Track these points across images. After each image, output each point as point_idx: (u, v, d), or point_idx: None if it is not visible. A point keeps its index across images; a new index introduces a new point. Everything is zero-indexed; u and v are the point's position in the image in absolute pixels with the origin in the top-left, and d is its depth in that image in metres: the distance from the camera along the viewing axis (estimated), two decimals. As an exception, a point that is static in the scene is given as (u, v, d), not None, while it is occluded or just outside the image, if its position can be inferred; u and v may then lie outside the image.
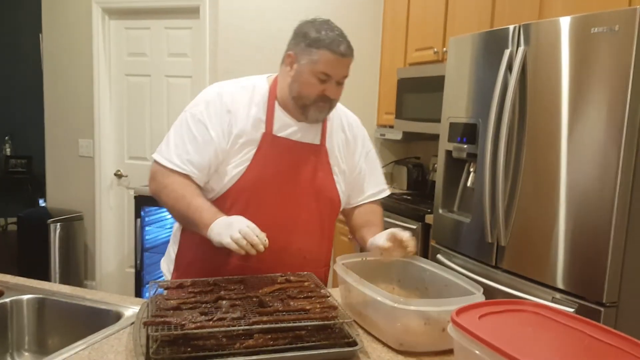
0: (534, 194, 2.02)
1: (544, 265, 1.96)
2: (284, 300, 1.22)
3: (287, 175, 1.54)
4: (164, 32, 3.80)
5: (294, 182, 1.54)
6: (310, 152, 1.57)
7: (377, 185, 1.77)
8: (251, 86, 1.57)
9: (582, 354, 0.95)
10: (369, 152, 1.74)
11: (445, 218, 2.55)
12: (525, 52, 2.05)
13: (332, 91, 1.49)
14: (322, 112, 1.53)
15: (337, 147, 1.63)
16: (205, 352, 1.04)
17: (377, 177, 1.77)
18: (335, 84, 1.49)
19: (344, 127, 1.67)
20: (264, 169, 1.51)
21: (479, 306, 1.08)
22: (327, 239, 1.68)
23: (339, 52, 1.45)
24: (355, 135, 1.69)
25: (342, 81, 1.51)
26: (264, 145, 1.51)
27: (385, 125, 3.88)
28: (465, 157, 2.41)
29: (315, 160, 1.58)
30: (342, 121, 1.68)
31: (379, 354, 1.15)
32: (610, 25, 1.72)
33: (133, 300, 1.40)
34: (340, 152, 1.64)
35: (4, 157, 6.01)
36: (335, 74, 1.47)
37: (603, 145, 1.76)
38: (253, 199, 1.50)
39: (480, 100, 2.30)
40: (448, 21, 3.10)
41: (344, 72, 1.50)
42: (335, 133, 1.64)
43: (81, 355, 1.10)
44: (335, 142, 1.63)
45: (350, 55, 1.49)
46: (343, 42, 1.48)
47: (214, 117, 1.50)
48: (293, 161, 1.55)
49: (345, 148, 1.66)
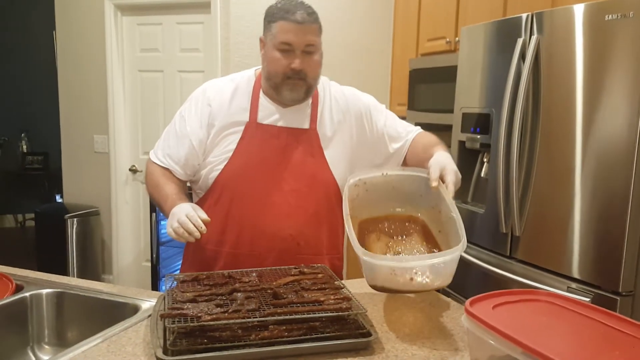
0: (548, 183, 2.00)
1: (559, 254, 1.95)
2: (298, 292, 1.23)
3: (274, 161, 1.52)
4: (175, 28, 3.82)
5: (281, 168, 1.52)
6: (298, 137, 1.54)
7: (407, 131, 1.72)
8: (239, 78, 1.61)
9: (597, 343, 0.95)
10: (377, 122, 1.66)
11: (459, 209, 2.52)
12: (539, 41, 2.02)
13: (298, 62, 1.44)
14: (296, 91, 1.49)
15: (332, 131, 1.58)
16: (221, 343, 1.06)
17: (400, 128, 1.71)
18: (301, 55, 1.45)
19: (341, 109, 1.61)
20: (249, 157, 1.51)
21: (493, 296, 1.08)
22: (327, 226, 1.60)
23: (294, 20, 1.43)
24: (358, 114, 1.63)
25: (309, 51, 1.46)
26: (248, 133, 1.53)
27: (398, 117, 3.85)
28: (479, 147, 2.39)
29: (305, 144, 1.54)
30: (337, 103, 1.62)
31: (393, 344, 1.15)
32: (624, 12, 1.70)
33: (150, 294, 1.42)
34: (334, 132, 1.58)
35: (20, 154, 6.10)
36: (295, 42, 1.43)
37: (619, 133, 1.74)
38: (239, 188, 1.51)
39: (493, 89, 2.28)
40: (460, 10, 3.07)
41: (305, 39, 1.44)
42: (329, 116, 1.59)
43: (100, 347, 1.11)
44: (329, 125, 1.58)
45: (309, 22, 1.44)
46: (299, 8, 1.44)
47: (194, 111, 1.56)
48: (279, 147, 1.53)
49: (339, 127, 1.59)
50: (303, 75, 1.47)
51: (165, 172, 1.57)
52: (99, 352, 1.09)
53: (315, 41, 1.46)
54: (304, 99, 1.54)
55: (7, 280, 1.42)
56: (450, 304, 1.42)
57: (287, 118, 1.55)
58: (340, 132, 1.59)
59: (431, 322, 1.28)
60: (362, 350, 1.11)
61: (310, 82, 1.50)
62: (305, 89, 1.50)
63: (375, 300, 1.42)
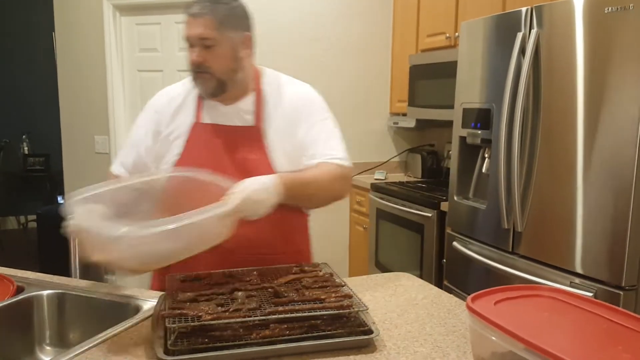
0: (550, 178, 2.00)
1: (562, 249, 1.94)
2: (298, 290, 1.22)
3: (217, 161, 1.48)
4: (174, 27, 3.81)
5: (224, 168, 1.46)
6: (241, 135, 1.51)
7: (322, 154, 1.51)
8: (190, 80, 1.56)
9: (600, 338, 0.94)
10: (314, 124, 1.54)
11: (461, 205, 2.53)
12: (539, 35, 2.02)
13: (193, 56, 1.41)
14: (204, 85, 1.45)
15: (276, 127, 1.52)
16: (222, 342, 1.05)
17: (321, 147, 1.52)
18: (200, 49, 1.40)
19: (285, 104, 1.55)
20: (194, 160, 1.48)
21: (495, 292, 1.08)
22: (279, 226, 1.50)
23: (189, 13, 1.40)
24: (299, 111, 1.54)
25: (206, 44, 1.40)
26: (193, 135, 1.51)
27: (398, 114, 3.85)
28: (480, 142, 2.39)
29: (248, 142, 1.50)
30: (282, 99, 1.56)
31: (395, 342, 1.15)
32: (624, 5, 1.69)
33: (151, 294, 1.41)
34: (279, 131, 1.51)
35: (22, 155, 6.10)
36: (189, 35, 1.41)
37: (620, 126, 1.74)
38: (186, 192, 1.44)
39: (493, 84, 2.27)
40: (459, 6, 3.07)
41: (196, 31, 1.39)
42: (275, 112, 1.53)
43: (101, 347, 1.11)
44: (274, 121, 1.52)
45: (204, 14, 1.39)
46: (199, 2, 1.41)
47: (142, 119, 1.58)
48: (223, 146, 1.50)
49: (287, 127, 1.52)
50: (207, 69, 1.42)
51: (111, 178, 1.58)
52: (100, 353, 1.09)
53: (210, 34, 1.39)
54: (219, 93, 1.47)
55: (8, 282, 1.42)
56: (452, 300, 1.41)
57: (230, 116, 1.52)
58: (283, 129, 1.52)
59: (433, 319, 1.27)
60: (363, 347, 1.11)
61: (219, 76, 1.44)
62: (216, 84, 1.44)
63: (377, 297, 1.41)
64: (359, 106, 3.93)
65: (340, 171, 1.49)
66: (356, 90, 3.90)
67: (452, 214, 2.63)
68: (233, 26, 1.44)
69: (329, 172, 1.47)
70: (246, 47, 1.49)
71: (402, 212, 3.14)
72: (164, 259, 1.19)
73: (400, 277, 1.60)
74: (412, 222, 3.06)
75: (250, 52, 1.52)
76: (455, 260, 2.56)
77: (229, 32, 1.42)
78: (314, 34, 3.71)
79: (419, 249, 3.00)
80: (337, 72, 3.84)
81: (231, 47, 1.44)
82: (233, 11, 1.44)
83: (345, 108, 3.91)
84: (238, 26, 1.46)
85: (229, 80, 1.46)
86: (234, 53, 1.45)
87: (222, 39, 1.41)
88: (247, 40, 1.49)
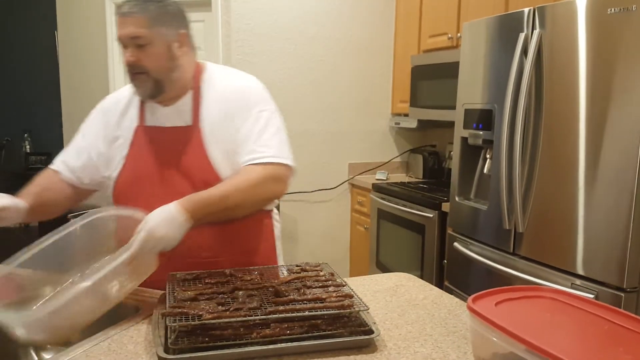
0: (551, 179, 1.99)
1: (563, 251, 1.94)
2: (299, 290, 1.22)
3: (159, 164, 1.46)
4: (176, 26, 3.82)
5: (165, 171, 1.46)
6: (180, 136, 1.47)
7: (250, 153, 1.44)
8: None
9: (601, 339, 0.94)
10: (246, 119, 1.47)
11: (462, 206, 2.53)
12: (541, 35, 2.01)
13: (127, 56, 1.38)
14: (141, 86, 1.42)
15: (212, 124, 1.47)
16: (222, 341, 1.05)
17: (251, 146, 1.45)
18: (133, 49, 1.37)
19: (220, 99, 1.49)
20: (138, 164, 1.47)
21: (496, 293, 1.07)
22: (228, 226, 1.48)
23: (120, 13, 1.37)
24: (232, 105, 1.48)
25: (139, 43, 1.37)
26: (136, 139, 1.49)
27: (399, 114, 3.85)
28: (481, 143, 2.38)
29: (186, 143, 1.46)
30: (219, 95, 1.50)
31: (395, 342, 1.15)
32: (626, 5, 1.68)
33: (151, 292, 1.41)
34: (216, 129, 1.46)
35: (24, 154, 6.11)
36: (121, 35, 1.37)
37: (623, 128, 1.73)
38: (132, 197, 1.47)
39: (495, 85, 2.27)
40: (462, 6, 3.06)
41: (127, 30, 1.36)
42: (211, 108, 1.48)
43: (101, 346, 1.11)
44: (210, 118, 1.47)
45: (134, 13, 1.36)
46: (129, 2, 1.38)
47: (92, 122, 1.57)
48: (165, 149, 1.47)
49: (223, 123, 1.46)
50: (142, 69, 1.39)
51: (48, 173, 1.58)
52: (100, 351, 1.09)
53: (142, 33, 1.36)
54: (157, 94, 1.44)
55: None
56: (453, 300, 1.41)
57: (170, 117, 1.48)
58: (222, 128, 1.47)
59: (434, 320, 1.27)
60: (364, 347, 1.11)
61: (155, 76, 1.40)
62: (153, 84, 1.41)
63: (378, 297, 1.41)
64: (361, 106, 3.93)
65: (267, 172, 1.41)
66: (358, 91, 3.90)
67: (453, 215, 2.63)
68: (166, 24, 1.40)
69: (250, 178, 1.39)
70: (182, 45, 1.45)
71: (404, 213, 3.14)
72: (83, 319, 1.16)
73: (401, 277, 1.60)
74: (413, 223, 3.06)
75: (187, 50, 1.48)
76: (456, 261, 2.56)
77: (161, 30, 1.39)
78: (315, 34, 3.71)
79: (420, 249, 3.00)
80: (339, 72, 3.84)
81: (165, 45, 1.41)
82: (165, 9, 1.41)
83: (347, 108, 3.91)
84: (171, 24, 1.42)
85: (166, 80, 1.43)
86: (169, 52, 1.42)
87: (155, 37, 1.38)
88: (182, 38, 1.45)
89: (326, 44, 3.76)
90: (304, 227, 3.93)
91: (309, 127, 3.81)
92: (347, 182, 3.97)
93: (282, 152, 1.47)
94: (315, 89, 3.80)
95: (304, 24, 3.67)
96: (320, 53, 3.76)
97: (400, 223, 3.21)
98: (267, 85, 1.58)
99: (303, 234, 3.94)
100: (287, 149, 1.50)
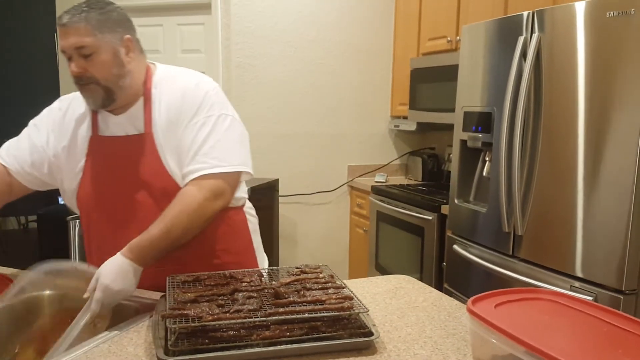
0: (550, 182, 2.00)
1: (562, 253, 1.94)
2: (299, 292, 1.22)
3: (117, 175, 1.43)
4: (176, 29, 3.82)
5: (123, 181, 1.42)
6: (134, 145, 1.43)
7: (189, 164, 1.39)
8: None
9: (600, 341, 0.94)
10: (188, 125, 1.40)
11: (462, 208, 2.53)
12: (540, 39, 2.02)
13: (72, 67, 1.34)
14: (92, 96, 1.39)
15: (162, 130, 1.42)
16: (222, 343, 1.05)
17: (191, 156, 1.39)
18: (79, 59, 1.34)
19: (168, 103, 1.43)
20: (95, 176, 1.44)
21: (495, 295, 1.08)
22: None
23: (60, 24, 1.32)
24: (179, 110, 1.42)
25: (84, 53, 1.33)
26: (91, 150, 1.46)
27: (399, 117, 3.86)
28: (481, 146, 2.39)
29: (141, 151, 1.42)
30: (167, 96, 1.44)
31: (395, 344, 1.15)
32: (625, 9, 1.69)
33: (151, 294, 1.41)
34: (166, 135, 1.41)
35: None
36: (64, 46, 1.33)
37: (621, 131, 1.74)
38: (95, 209, 1.46)
39: (494, 88, 2.27)
40: (461, 9, 3.07)
41: (71, 41, 1.32)
42: (162, 114, 1.43)
43: (101, 348, 1.11)
44: (160, 124, 1.42)
45: (75, 23, 1.31)
46: (69, 12, 1.33)
47: (44, 124, 1.54)
48: (119, 159, 1.44)
49: (172, 128, 1.41)
50: (91, 80, 1.36)
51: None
52: (100, 353, 1.09)
53: (86, 42, 1.32)
54: (109, 104, 1.41)
55: (8, 281, 1.42)
56: (452, 303, 1.41)
57: (123, 125, 1.44)
58: (170, 134, 1.42)
59: (433, 322, 1.27)
60: (364, 349, 1.11)
61: (104, 85, 1.37)
62: (103, 93, 1.38)
63: (377, 300, 1.42)
64: (360, 109, 3.94)
65: (204, 193, 1.35)
66: (357, 93, 3.91)
67: (452, 217, 2.63)
68: (110, 31, 1.36)
69: (187, 205, 1.34)
70: (129, 51, 1.41)
71: (403, 215, 3.14)
72: None
73: (400, 279, 1.60)
74: (412, 225, 3.06)
75: (135, 56, 1.43)
76: (455, 264, 2.56)
77: (106, 37, 1.35)
78: (315, 37, 3.72)
79: (419, 252, 3.00)
80: (339, 75, 3.84)
81: (112, 52, 1.37)
82: (107, 15, 1.37)
83: (346, 111, 3.92)
84: (116, 30, 1.38)
85: (116, 88, 1.39)
86: (116, 58, 1.38)
87: (100, 45, 1.34)
88: (128, 44, 1.41)
89: (326, 47, 3.77)
90: (303, 229, 3.93)
91: (309, 130, 3.81)
92: (347, 184, 3.97)
93: (226, 160, 1.40)
94: (315, 91, 3.80)
95: (303, 27, 3.68)
96: (320, 56, 3.77)
97: (399, 225, 3.21)
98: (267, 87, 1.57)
99: (302, 236, 3.95)
100: (235, 154, 1.42)
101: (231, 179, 1.41)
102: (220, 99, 1.46)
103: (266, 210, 3.41)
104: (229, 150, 1.41)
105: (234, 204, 1.54)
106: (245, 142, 1.48)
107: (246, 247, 1.61)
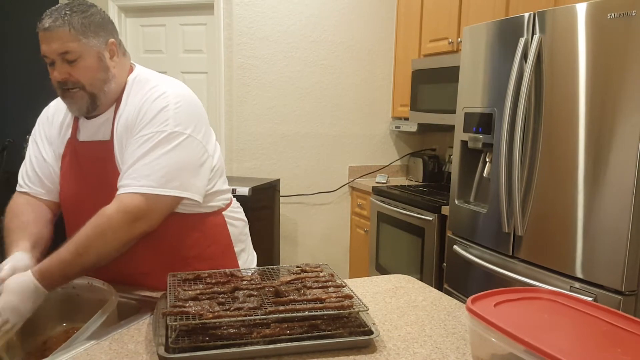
0: (550, 183, 2.00)
1: (562, 254, 1.95)
2: (299, 290, 1.23)
3: (85, 183, 1.41)
4: (179, 29, 3.83)
5: (90, 189, 1.40)
6: (98, 152, 1.39)
7: (120, 179, 1.32)
8: None
9: (600, 340, 0.94)
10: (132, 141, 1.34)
11: (462, 209, 2.53)
12: (541, 40, 2.02)
13: (55, 74, 1.32)
14: (76, 103, 1.36)
15: (119, 141, 1.38)
16: (223, 341, 1.06)
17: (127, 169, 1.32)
18: (63, 65, 1.31)
19: (130, 111, 1.37)
20: (66, 181, 1.44)
21: (495, 294, 1.08)
22: (160, 240, 1.40)
23: (42, 28, 1.28)
24: (131, 122, 1.35)
25: (68, 58, 1.30)
26: (67, 153, 1.45)
27: (400, 118, 3.87)
28: (481, 147, 2.39)
29: (104, 159, 1.38)
30: (130, 108, 1.38)
31: (394, 342, 1.15)
32: (626, 10, 1.69)
33: (152, 292, 1.42)
34: (121, 146, 1.37)
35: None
36: (47, 51, 1.29)
37: (621, 132, 1.74)
38: (70, 215, 1.45)
39: (495, 89, 2.28)
40: (462, 11, 3.08)
41: (54, 46, 1.28)
42: (123, 124, 1.38)
43: (102, 345, 1.12)
44: (119, 134, 1.38)
45: (57, 27, 1.27)
46: (50, 15, 1.28)
47: (41, 133, 1.52)
48: (88, 165, 1.41)
49: (124, 139, 1.37)
50: (76, 85, 1.33)
51: (24, 198, 1.48)
52: (101, 350, 1.09)
53: (70, 47, 1.28)
54: (92, 110, 1.38)
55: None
56: (452, 302, 1.42)
57: (92, 130, 1.41)
58: (122, 145, 1.37)
59: (433, 321, 1.28)
60: (363, 348, 1.11)
61: (90, 90, 1.34)
62: (88, 99, 1.35)
63: (377, 299, 1.42)
64: (362, 110, 3.94)
65: (122, 215, 1.26)
66: (359, 94, 3.92)
67: (453, 218, 2.63)
68: (94, 34, 1.32)
69: (101, 227, 1.25)
70: (113, 55, 1.38)
71: (403, 216, 3.15)
72: None
73: (400, 279, 1.61)
74: (413, 226, 3.06)
75: (119, 60, 1.40)
76: (455, 264, 2.57)
77: (90, 41, 1.31)
78: (317, 38, 3.72)
79: (419, 252, 3.00)
80: (340, 76, 3.85)
81: (97, 57, 1.34)
82: (90, 19, 1.32)
83: (347, 111, 3.92)
84: (99, 34, 1.34)
85: (100, 93, 1.36)
86: (101, 63, 1.35)
87: (85, 49, 1.31)
88: (112, 47, 1.38)
89: (327, 48, 3.78)
90: (304, 229, 3.94)
91: (310, 130, 3.82)
92: (348, 185, 3.98)
93: (158, 181, 1.29)
94: (316, 92, 3.81)
95: (305, 28, 3.69)
96: (322, 57, 3.78)
97: (400, 226, 3.21)
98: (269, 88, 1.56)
99: (303, 236, 3.95)
100: (173, 177, 1.31)
101: (160, 203, 1.30)
102: (180, 115, 1.34)
103: (267, 210, 3.41)
104: (166, 171, 1.30)
105: (207, 210, 1.48)
106: (195, 164, 1.37)
107: (223, 252, 1.54)
